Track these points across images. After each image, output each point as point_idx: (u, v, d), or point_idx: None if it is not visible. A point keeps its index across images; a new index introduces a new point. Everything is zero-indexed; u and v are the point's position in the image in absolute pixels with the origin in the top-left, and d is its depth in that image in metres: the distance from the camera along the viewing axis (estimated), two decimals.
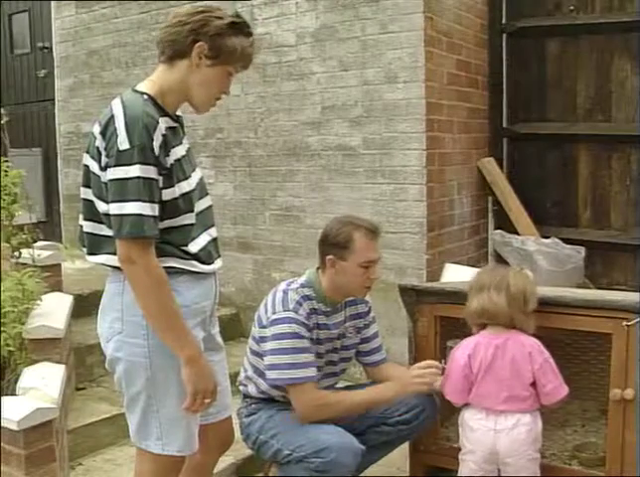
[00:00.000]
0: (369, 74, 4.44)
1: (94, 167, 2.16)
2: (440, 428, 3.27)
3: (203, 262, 2.25)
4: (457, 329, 3.15)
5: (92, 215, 2.22)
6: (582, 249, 4.56)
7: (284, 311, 2.84)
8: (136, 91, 2.22)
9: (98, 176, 2.14)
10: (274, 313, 2.84)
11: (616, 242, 4.79)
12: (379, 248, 2.95)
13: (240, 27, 2.22)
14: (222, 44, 2.18)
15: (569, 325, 2.87)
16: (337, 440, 2.71)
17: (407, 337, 3.24)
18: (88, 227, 2.25)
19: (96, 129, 2.15)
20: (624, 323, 2.74)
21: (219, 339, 2.53)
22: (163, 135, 2.12)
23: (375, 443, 2.99)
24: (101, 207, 2.16)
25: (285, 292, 2.91)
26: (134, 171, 2.04)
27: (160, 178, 2.11)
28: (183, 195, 2.19)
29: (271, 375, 2.82)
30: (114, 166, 2.06)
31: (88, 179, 2.20)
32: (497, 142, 5.10)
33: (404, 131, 4.33)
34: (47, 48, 6.41)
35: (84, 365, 4.07)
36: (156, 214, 2.09)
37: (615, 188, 4.83)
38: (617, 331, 2.76)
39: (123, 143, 2.05)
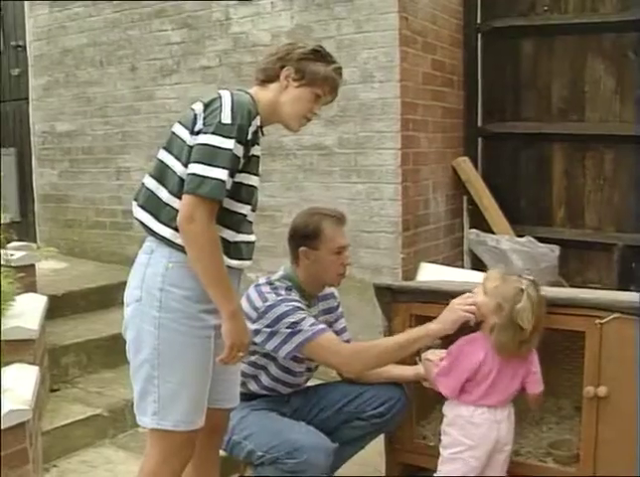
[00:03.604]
0: (344, 73, 4.40)
1: (183, 134, 2.34)
2: (416, 427, 3.28)
3: (229, 255, 2.35)
4: None
5: (160, 176, 2.37)
6: (557, 248, 4.59)
7: (277, 297, 2.86)
8: (240, 91, 2.43)
9: (184, 141, 2.32)
10: (266, 301, 2.85)
11: (590, 241, 4.83)
12: (345, 235, 3.03)
13: (321, 54, 2.51)
14: (306, 67, 2.46)
15: (543, 323, 2.89)
16: (309, 440, 2.72)
17: (383, 335, 3.24)
18: (151, 184, 2.39)
19: (198, 105, 2.35)
20: (597, 321, 2.76)
21: None
22: (258, 127, 2.37)
23: (348, 439, 3.00)
24: (177, 167, 2.32)
25: (271, 283, 2.94)
26: (229, 144, 2.24)
27: (243, 161, 2.31)
28: (249, 186, 2.38)
29: (287, 347, 2.81)
30: (211, 133, 2.26)
31: (171, 144, 2.38)
32: (472, 141, 5.12)
33: (380, 131, 4.34)
34: (20, 46, 6.35)
35: (59, 366, 4.05)
36: (228, 188, 2.28)
37: (589, 187, 4.87)
38: (590, 329, 2.78)
39: (227, 118, 2.26)
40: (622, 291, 4.02)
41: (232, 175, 2.27)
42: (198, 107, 2.34)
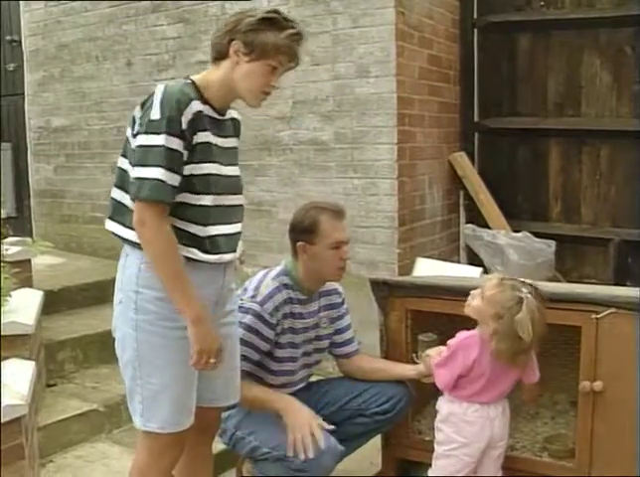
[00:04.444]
0: (340, 68, 4.44)
1: (130, 137, 2.30)
2: (412, 422, 3.28)
3: (205, 251, 2.30)
4: (429, 323, 3.16)
5: (122, 183, 2.32)
6: (553, 243, 4.59)
7: (251, 302, 2.85)
8: (187, 77, 2.38)
9: (130, 144, 2.28)
10: (241, 300, 2.84)
11: (586, 236, 4.84)
12: (346, 229, 3.00)
13: (272, 21, 2.31)
14: (254, 38, 2.28)
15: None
16: None
17: (379, 331, 3.25)
18: (116, 193, 2.35)
19: (137, 106, 2.30)
20: (593, 316, 2.76)
21: (229, 330, 2.52)
22: (194, 114, 2.24)
23: (351, 435, 2.99)
24: (131, 172, 2.26)
25: (259, 282, 2.92)
26: (159, 140, 2.17)
27: (185, 152, 2.22)
28: (203, 175, 2.28)
29: None
30: (144, 133, 2.20)
31: (126, 149, 2.33)
32: (468, 136, 5.12)
33: (376, 125, 4.34)
34: (16, 41, 6.33)
35: (55, 361, 4.04)
36: (175, 184, 2.21)
37: (585, 182, 4.88)
38: (586, 324, 2.78)
39: (155, 114, 2.19)
40: (618, 286, 4.03)
41: (173, 170, 2.19)
42: (136, 109, 2.29)
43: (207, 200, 2.29)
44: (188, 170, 2.24)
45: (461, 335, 2.80)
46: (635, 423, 2.73)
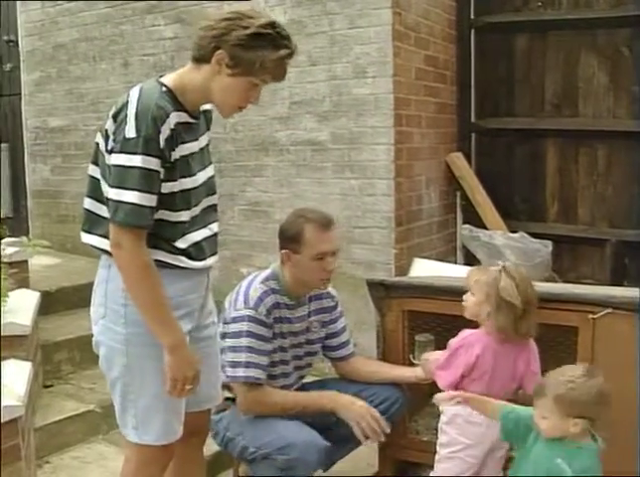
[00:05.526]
0: (337, 69, 4.44)
1: (103, 146, 2.19)
2: (409, 422, 3.28)
3: (192, 258, 2.26)
4: (426, 323, 3.16)
5: (95, 193, 2.25)
6: (550, 244, 4.58)
7: (245, 308, 2.86)
8: (158, 82, 2.22)
9: (104, 156, 2.18)
10: (236, 310, 2.86)
11: (583, 237, 4.84)
12: (335, 240, 2.95)
13: (265, 38, 2.14)
14: (242, 55, 2.13)
15: (537, 318, 2.88)
16: (301, 437, 2.72)
17: (376, 331, 3.25)
18: (89, 204, 2.28)
19: (112, 111, 2.17)
20: (590, 316, 2.77)
21: (211, 331, 2.50)
22: (172, 129, 2.13)
23: (346, 437, 2.99)
24: (104, 187, 2.19)
25: (247, 288, 2.92)
26: (136, 161, 2.06)
27: (162, 170, 2.12)
28: (183, 191, 2.20)
29: (229, 372, 2.84)
30: (119, 152, 2.09)
31: (97, 157, 2.24)
32: (465, 137, 5.12)
33: (373, 126, 4.34)
34: (12, 41, 6.32)
35: (52, 362, 4.04)
36: (153, 205, 2.12)
37: (582, 183, 4.88)
38: (583, 324, 2.79)
39: (130, 131, 2.07)
40: (615, 287, 4.03)
41: (151, 192, 2.09)
42: (110, 115, 2.17)
43: (185, 215, 2.22)
44: (167, 188, 2.16)
45: (463, 333, 2.80)
46: (633, 423, 2.73)
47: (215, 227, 2.39)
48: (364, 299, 3.45)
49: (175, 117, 2.15)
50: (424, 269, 4.17)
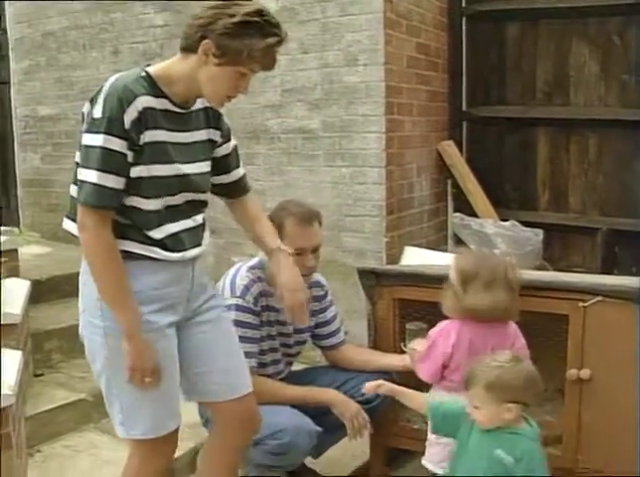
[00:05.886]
0: (329, 56, 4.42)
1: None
2: (400, 410, 3.28)
3: (168, 249, 2.21)
4: (417, 311, 3.16)
5: (76, 178, 2.21)
6: (540, 232, 4.59)
7: (232, 297, 2.85)
8: (141, 68, 2.21)
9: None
10: (222, 299, 2.83)
11: (574, 225, 4.85)
12: (314, 237, 2.91)
13: (252, 26, 2.10)
14: (228, 44, 2.09)
15: (527, 306, 2.88)
16: (292, 423, 2.72)
17: (367, 319, 3.25)
18: (72, 190, 2.24)
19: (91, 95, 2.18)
20: (581, 304, 2.77)
21: (209, 316, 2.43)
22: (140, 112, 2.09)
23: (336, 425, 3.00)
24: None
25: (234, 276, 2.92)
26: (98, 140, 2.05)
27: (129, 153, 2.09)
28: (153, 177, 2.16)
29: None
30: (86, 132, 2.10)
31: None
32: (456, 125, 5.12)
33: (364, 114, 4.33)
34: (1, 29, 6.28)
35: (42, 351, 4.02)
36: (116, 186, 2.09)
37: (573, 171, 4.88)
38: (574, 312, 2.79)
39: (97, 111, 2.07)
40: (606, 275, 4.04)
41: (114, 173, 2.07)
42: (86, 105, 2.17)
43: (156, 204, 2.17)
44: (136, 172, 2.12)
45: (442, 323, 2.79)
46: (622, 411, 2.74)
47: (199, 218, 2.35)
48: (355, 287, 3.45)
49: (146, 101, 2.12)
50: (415, 258, 4.18)
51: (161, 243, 2.20)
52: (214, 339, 2.42)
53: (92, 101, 2.13)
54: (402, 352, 3.05)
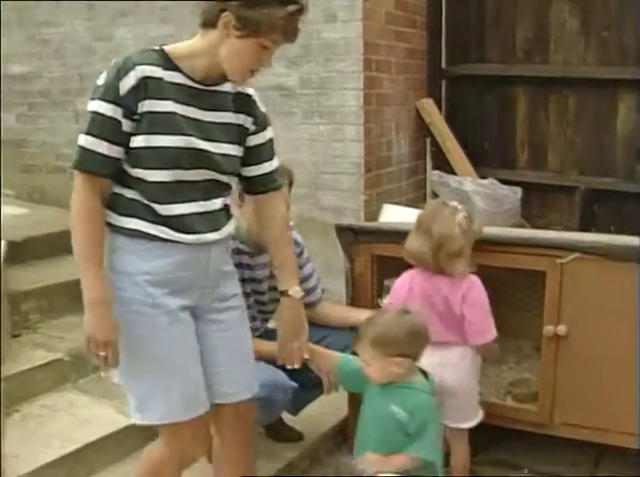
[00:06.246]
0: (307, 13, 4.35)
1: None
2: None
3: (177, 230, 2.16)
4: (394, 268, 3.15)
5: None
6: (519, 190, 4.61)
7: None
8: (160, 46, 2.18)
9: None
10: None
11: (553, 184, 4.87)
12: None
13: None
14: (248, 15, 2.03)
15: (505, 263, 2.90)
16: (268, 378, 2.71)
17: (345, 276, 3.24)
18: None
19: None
20: (558, 261, 2.78)
21: (228, 316, 2.39)
22: (139, 79, 2.06)
23: (313, 382, 3.00)
24: None
25: None
26: (93, 105, 2.08)
27: (126, 121, 2.07)
28: (155, 148, 2.10)
29: None
30: (90, 99, 2.12)
31: None
32: (435, 83, 5.10)
33: (342, 71, 4.30)
34: None
35: (20, 312, 3.99)
36: (110, 154, 2.08)
37: (552, 130, 4.89)
38: (551, 269, 2.80)
39: (100, 81, 2.10)
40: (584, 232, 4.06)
41: (106, 139, 2.06)
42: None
43: (162, 176, 2.12)
44: (137, 142, 2.09)
45: (402, 275, 2.83)
46: (598, 368, 2.77)
47: (219, 201, 2.28)
48: (333, 245, 3.43)
49: (150, 71, 2.08)
50: (393, 215, 4.18)
51: (169, 223, 2.15)
52: (228, 342, 2.39)
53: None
54: (380, 308, 3.05)
